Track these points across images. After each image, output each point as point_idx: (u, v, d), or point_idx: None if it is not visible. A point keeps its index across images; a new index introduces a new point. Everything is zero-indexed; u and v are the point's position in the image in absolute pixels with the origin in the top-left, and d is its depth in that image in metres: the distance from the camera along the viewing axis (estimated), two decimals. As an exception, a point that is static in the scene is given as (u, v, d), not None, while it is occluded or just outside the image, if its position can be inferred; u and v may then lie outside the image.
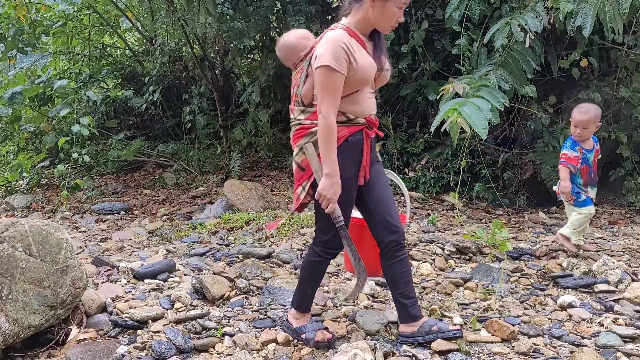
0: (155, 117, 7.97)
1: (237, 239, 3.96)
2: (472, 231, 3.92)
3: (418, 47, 5.25)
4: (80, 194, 6.25)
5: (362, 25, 2.24)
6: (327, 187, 2.15)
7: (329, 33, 2.20)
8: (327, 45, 2.14)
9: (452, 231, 4.09)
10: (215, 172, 6.67)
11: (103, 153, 6.80)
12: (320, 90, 2.15)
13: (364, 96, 2.28)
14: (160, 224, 4.75)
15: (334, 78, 2.12)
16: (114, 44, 8.63)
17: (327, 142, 2.15)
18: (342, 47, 2.12)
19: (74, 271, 2.46)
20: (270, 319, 2.62)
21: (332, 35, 2.17)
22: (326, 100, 2.14)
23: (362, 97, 2.27)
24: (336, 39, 2.14)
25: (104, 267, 3.21)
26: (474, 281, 3.09)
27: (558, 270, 3.17)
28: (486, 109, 3.61)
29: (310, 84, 2.26)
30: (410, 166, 5.79)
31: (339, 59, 2.11)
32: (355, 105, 2.25)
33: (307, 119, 2.28)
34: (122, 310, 2.63)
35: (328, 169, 2.16)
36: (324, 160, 2.16)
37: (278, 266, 3.35)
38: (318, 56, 2.15)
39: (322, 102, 2.15)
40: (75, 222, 5.18)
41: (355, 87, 2.21)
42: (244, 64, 7.57)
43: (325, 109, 2.14)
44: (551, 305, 2.80)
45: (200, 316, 2.59)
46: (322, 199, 2.18)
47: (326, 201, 2.18)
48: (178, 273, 3.16)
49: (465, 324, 2.54)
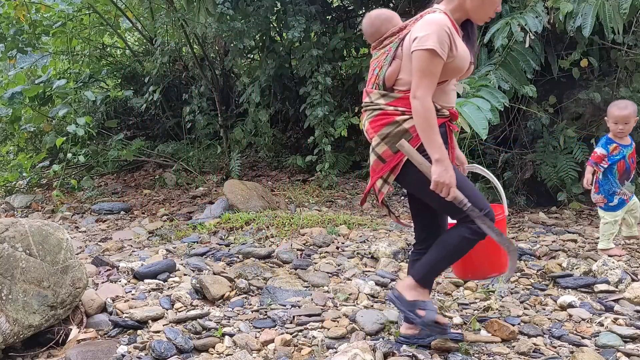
0: (155, 117, 7.97)
1: (237, 239, 3.96)
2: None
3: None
4: (80, 194, 6.25)
5: (456, 14, 2.13)
6: (441, 174, 2.02)
7: (430, 16, 2.08)
8: (430, 27, 2.02)
9: (452, 231, 4.09)
10: (215, 172, 6.67)
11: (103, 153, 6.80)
12: (418, 74, 2.03)
13: (450, 87, 2.18)
14: (160, 224, 4.76)
15: (435, 62, 2.01)
16: (114, 44, 8.63)
17: (429, 127, 2.02)
18: (446, 31, 2.01)
19: (74, 271, 2.47)
20: (270, 319, 2.62)
21: (434, 19, 2.05)
22: (423, 85, 2.02)
23: (449, 88, 2.17)
24: (440, 23, 2.02)
25: (104, 267, 3.21)
26: (474, 281, 3.09)
27: (558, 270, 3.17)
28: (486, 109, 3.62)
29: (395, 67, 2.13)
30: (410, 166, 5.79)
31: (442, 44, 2.00)
32: (444, 95, 2.15)
33: (389, 105, 2.13)
34: (122, 310, 2.63)
35: (437, 154, 2.02)
36: (430, 147, 2.03)
37: (278, 266, 3.35)
38: (419, 38, 2.03)
39: (418, 87, 2.03)
40: (75, 222, 5.18)
41: (448, 75, 2.11)
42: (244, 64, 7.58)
43: (422, 93, 2.02)
44: (551, 305, 2.80)
45: (200, 316, 2.59)
46: (440, 188, 2.04)
47: (446, 188, 2.03)
48: (178, 273, 3.16)
49: (465, 324, 2.54)
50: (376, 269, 3.28)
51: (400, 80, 2.14)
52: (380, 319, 2.53)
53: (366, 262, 3.43)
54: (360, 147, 6.39)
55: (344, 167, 6.30)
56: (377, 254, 3.44)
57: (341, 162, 6.28)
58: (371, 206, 5.12)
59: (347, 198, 5.40)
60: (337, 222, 4.23)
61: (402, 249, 3.49)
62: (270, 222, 4.19)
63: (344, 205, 5.18)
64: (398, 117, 2.10)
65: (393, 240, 3.61)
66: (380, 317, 2.56)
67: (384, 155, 2.15)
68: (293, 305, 2.78)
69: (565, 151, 4.83)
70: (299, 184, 5.98)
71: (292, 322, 2.60)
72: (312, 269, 3.28)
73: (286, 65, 6.57)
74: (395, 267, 3.29)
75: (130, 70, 7.98)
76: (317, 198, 5.37)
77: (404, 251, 3.49)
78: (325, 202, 5.27)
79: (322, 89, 5.61)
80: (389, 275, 3.14)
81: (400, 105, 2.11)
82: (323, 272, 3.21)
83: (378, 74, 2.18)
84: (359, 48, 6.62)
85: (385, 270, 3.22)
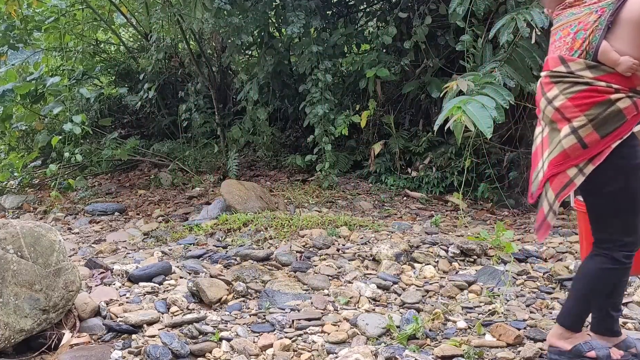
0: (150, 115, 7.97)
1: (234, 241, 3.96)
2: (477, 233, 3.92)
3: (421, 43, 5.25)
4: (73, 194, 6.25)
5: None
6: None
7: None
8: None
9: (456, 233, 4.09)
10: (212, 172, 6.67)
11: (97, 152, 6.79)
12: None
13: None
14: (156, 225, 4.76)
15: None
16: (107, 40, 8.63)
17: None
18: None
19: (66, 274, 2.47)
20: (269, 323, 2.62)
21: None
22: None
23: None
24: None
25: (98, 270, 3.21)
26: (479, 284, 3.09)
27: (565, 273, 3.17)
28: (491, 106, 3.62)
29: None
30: (413, 166, 5.80)
31: None
32: None
33: (598, 79, 1.89)
34: (117, 314, 2.63)
35: None
36: None
37: (277, 269, 3.35)
38: None
39: None
40: (68, 224, 5.18)
41: None
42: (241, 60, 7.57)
43: None
44: (558, 308, 2.79)
45: (197, 320, 2.59)
46: None
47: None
48: (174, 276, 3.16)
49: (470, 328, 2.54)
50: (378, 272, 3.28)
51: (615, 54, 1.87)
52: (382, 323, 2.53)
53: (367, 264, 3.43)
54: (361, 146, 6.39)
55: (345, 167, 6.30)
56: (378, 256, 3.44)
57: (342, 161, 6.27)
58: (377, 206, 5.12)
59: (347, 199, 5.40)
60: (338, 223, 4.23)
61: (404, 251, 3.49)
62: (268, 223, 4.19)
63: (344, 206, 5.18)
64: (612, 96, 1.86)
65: (395, 242, 3.61)
66: (382, 321, 2.56)
67: (587, 139, 1.89)
68: (292, 309, 2.78)
69: (572, 150, 4.82)
70: (298, 184, 5.98)
71: (291, 326, 2.60)
72: (311, 272, 3.28)
73: (285, 61, 6.57)
74: (397, 270, 3.29)
75: (124, 67, 7.97)
76: (317, 199, 5.37)
77: (407, 253, 3.49)
78: (326, 202, 5.27)
79: (322, 87, 5.61)
80: (391, 278, 3.14)
81: (613, 81, 1.86)
82: (323, 275, 3.21)
83: (588, 38, 1.89)
84: (360, 44, 6.62)
85: (387, 273, 3.22)
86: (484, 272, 3.24)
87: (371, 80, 5.50)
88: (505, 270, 3.21)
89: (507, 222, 4.56)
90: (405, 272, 3.27)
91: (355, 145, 6.48)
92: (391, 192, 5.65)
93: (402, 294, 2.98)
